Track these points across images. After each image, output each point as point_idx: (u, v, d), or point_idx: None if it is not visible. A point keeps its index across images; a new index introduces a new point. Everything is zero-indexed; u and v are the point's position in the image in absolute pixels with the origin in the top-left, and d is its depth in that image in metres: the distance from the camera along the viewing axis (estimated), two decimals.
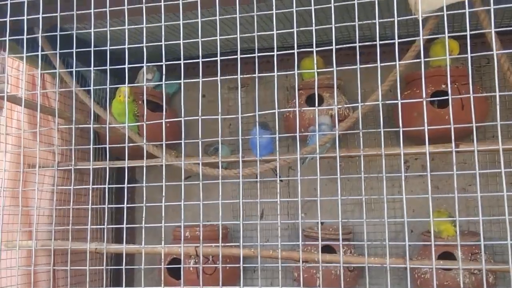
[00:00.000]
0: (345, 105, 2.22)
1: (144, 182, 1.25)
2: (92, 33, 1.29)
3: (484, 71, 2.31)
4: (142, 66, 1.36)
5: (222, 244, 1.93)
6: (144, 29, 1.25)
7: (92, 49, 1.26)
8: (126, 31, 1.22)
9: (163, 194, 1.22)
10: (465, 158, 2.30)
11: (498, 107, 1.13)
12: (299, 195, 1.21)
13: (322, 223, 2.45)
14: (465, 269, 1.89)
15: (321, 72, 2.26)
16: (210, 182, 1.37)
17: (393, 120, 2.24)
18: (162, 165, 1.29)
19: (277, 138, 1.24)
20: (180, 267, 2.21)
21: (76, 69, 1.38)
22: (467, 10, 1.07)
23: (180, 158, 1.95)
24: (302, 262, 2.02)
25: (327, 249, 2.16)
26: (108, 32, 1.27)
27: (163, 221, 1.21)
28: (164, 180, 1.21)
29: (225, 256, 2.10)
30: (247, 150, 2.07)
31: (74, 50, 1.27)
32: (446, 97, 1.86)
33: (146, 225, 1.22)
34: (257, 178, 2.35)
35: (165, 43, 1.21)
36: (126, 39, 1.24)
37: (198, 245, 1.84)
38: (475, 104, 1.99)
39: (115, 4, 1.23)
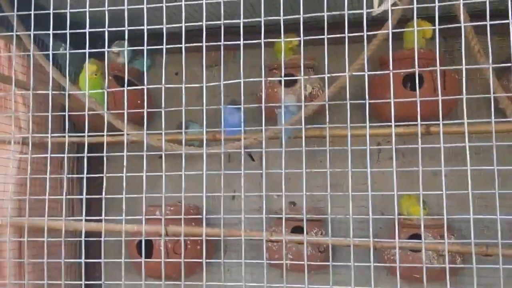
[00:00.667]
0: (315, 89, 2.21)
1: (105, 151, 1.23)
2: (68, 12, 1.26)
3: (457, 55, 2.32)
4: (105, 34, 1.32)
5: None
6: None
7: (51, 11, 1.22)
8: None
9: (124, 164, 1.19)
10: (437, 141, 2.31)
11: (464, 80, 1.13)
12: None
13: (294, 203, 2.45)
14: (433, 250, 1.91)
15: (295, 53, 2.23)
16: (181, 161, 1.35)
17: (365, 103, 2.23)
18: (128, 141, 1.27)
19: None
20: (149, 246, 2.19)
21: (34, 33, 1.34)
22: None
23: (150, 136, 1.91)
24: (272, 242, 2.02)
25: (299, 230, 2.16)
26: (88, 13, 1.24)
27: (124, 192, 1.19)
28: (125, 152, 1.19)
29: (195, 235, 2.08)
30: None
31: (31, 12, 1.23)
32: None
33: (106, 196, 1.19)
34: (229, 158, 2.33)
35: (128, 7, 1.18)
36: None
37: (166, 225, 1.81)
38: (448, 86, 2.02)
39: None
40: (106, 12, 1.24)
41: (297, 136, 1.91)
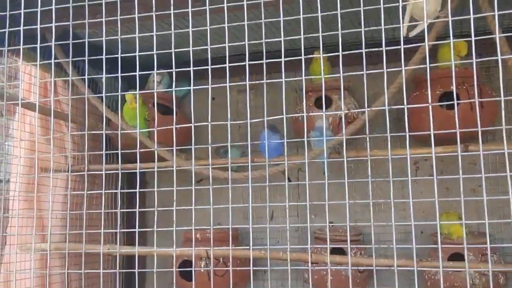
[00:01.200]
0: (351, 110, 2.23)
1: (156, 186, 1.27)
2: (104, 41, 1.32)
3: (493, 72, 2.31)
4: (151, 72, 1.39)
5: (232, 248, 1.95)
6: (154, 36, 1.27)
7: (103, 56, 1.28)
8: (137, 38, 1.25)
9: (174, 198, 1.24)
10: (475, 159, 2.30)
11: (503, 111, 1.13)
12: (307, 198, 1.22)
13: (331, 223, 2.46)
14: (476, 270, 1.89)
15: (332, 73, 2.26)
16: (220, 185, 1.39)
17: (403, 120, 2.24)
18: (172, 169, 1.31)
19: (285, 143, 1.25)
20: (191, 270, 2.23)
21: (88, 77, 1.40)
22: (471, 16, 1.07)
23: (190, 161, 1.97)
24: (312, 264, 2.03)
25: (338, 251, 2.17)
26: (119, 40, 1.29)
27: (174, 225, 1.23)
28: (175, 184, 1.23)
29: (235, 258, 2.12)
30: (257, 152, 2.08)
31: (86, 58, 1.30)
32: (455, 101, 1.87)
33: (157, 229, 1.24)
34: (266, 180, 2.37)
35: (175, 50, 1.23)
36: (137, 46, 1.26)
37: (208, 248, 1.86)
38: (485, 105, 2.01)
39: (126, 11, 1.26)
40: (155, 36, 1.29)
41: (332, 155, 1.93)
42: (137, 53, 1.26)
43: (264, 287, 2.52)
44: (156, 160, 1.44)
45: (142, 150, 1.37)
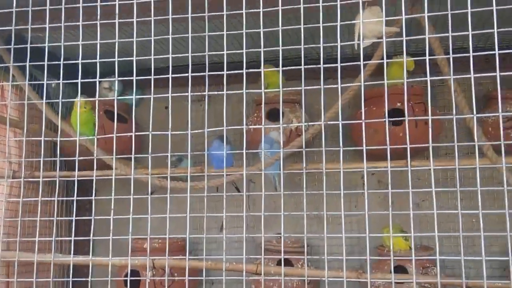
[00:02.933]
0: (295, 124, 2.25)
1: (94, 195, 1.27)
2: (46, 46, 1.30)
3: (437, 91, 2.39)
4: (102, 80, 1.38)
5: (170, 257, 1.94)
6: (98, 44, 1.26)
7: (45, 62, 1.27)
8: (80, 46, 1.24)
9: (112, 207, 1.23)
10: (419, 174, 2.37)
11: (455, 128, 1.18)
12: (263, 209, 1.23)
13: (280, 236, 2.48)
14: (417, 282, 1.94)
15: (283, 87, 2.29)
16: (171, 195, 1.39)
17: (350, 135, 2.29)
18: (122, 177, 1.31)
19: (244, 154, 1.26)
20: (137, 279, 2.20)
21: (32, 82, 1.38)
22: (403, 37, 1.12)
23: (138, 170, 1.95)
24: (261, 275, 2.04)
25: (285, 262, 2.18)
26: (62, 46, 1.29)
27: (111, 234, 1.22)
28: (113, 193, 1.22)
29: (182, 268, 2.10)
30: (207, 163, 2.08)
31: (27, 64, 1.28)
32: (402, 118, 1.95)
33: (94, 237, 1.23)
34: (217, 190, 2.38)
35: (122, 59, 1.23)
36: (80, 52, 1.26)
37: (145, 258, 1.84)
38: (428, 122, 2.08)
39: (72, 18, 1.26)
40: (98, 45, 1.29)
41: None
42: (79, 60, 1.26)
43: None
44: (95, 168, 1.41)
45: (89, 158, 1.35)
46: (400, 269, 2.05)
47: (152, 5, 1.23)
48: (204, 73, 1.26)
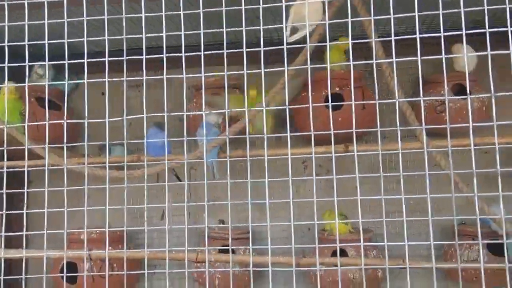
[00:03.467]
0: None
1: (26, 187, 1.21)
2: None
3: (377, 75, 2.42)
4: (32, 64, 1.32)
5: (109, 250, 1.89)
6: (26, 26, 1.20)
7: None
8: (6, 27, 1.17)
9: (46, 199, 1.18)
10: (358, 159, 2.39)
11: (398, 113, 1.19)
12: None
13: (223, 222, 2.47)
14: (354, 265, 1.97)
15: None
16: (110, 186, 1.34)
17: (293, 121, 2.30)
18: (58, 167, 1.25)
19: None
20: (74, 271, 2.14)
21: None
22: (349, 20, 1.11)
23: (72, 160, 1.88)
24: (200, 263, 2.02)
25: (227, 250, 2.17)
26: None
27: (45, 228, 1.17)
28: (46, 185, 1.17)
29: (121, 259, 2.05)
30: (142, 150, 2.05)
31: None
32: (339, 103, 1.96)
33: (27, 232, 1.17)
34: (157, 179, 2.33)
35: (48, 41, 1.17)
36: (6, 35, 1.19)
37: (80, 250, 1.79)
38: (367, 107, 2.11)
39: None
40: (26, 26, 1.22)
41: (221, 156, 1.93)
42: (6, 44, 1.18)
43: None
44: (26, 158, 1.35)
45: (21, 148, 1.29)
46: (341, 252, 2.07)
47: None
48: (141, 57, 1.21)
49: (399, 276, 2.15)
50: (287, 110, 1.18)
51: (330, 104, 1.29)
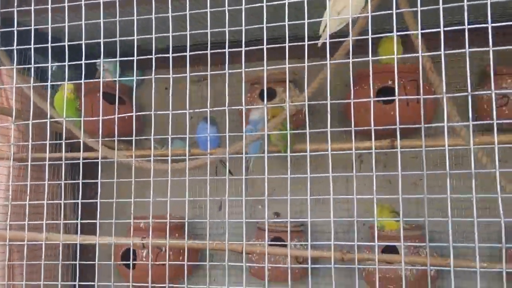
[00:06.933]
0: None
1: (99, 178, 1.29)
2: (50, 28, 1.31)
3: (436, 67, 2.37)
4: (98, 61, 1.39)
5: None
6: (102, 23, 1.27)
7: (32, 45, 1.28)
8: (83, 25, 1.25)
9: (114, 190, 1.26)
10: (417, 153, 2.35)
11: (445, 108, 1.17)
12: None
13: (278, 214, 2.50)
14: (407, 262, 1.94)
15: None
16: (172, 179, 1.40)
17: (344, 113, 2.29)
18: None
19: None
20: (133, 257, 2.24)
21: (35, 65, 1.40)
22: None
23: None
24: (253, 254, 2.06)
25: (280, 241, 2.20)
26: (67, 27, 1.30)
27: (113, 218, 1.25)
28: (115, 177, 1.25)
29: (176, 248, 2.14)
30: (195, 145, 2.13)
31: (32, 46, 1.30)
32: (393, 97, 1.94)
33: (101, 220, 1.25)
34: (216, 173, 2.38)
35: (120, 38, 1.24)
36: (83, 34, 1.27)
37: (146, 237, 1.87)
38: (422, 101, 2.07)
39: None
40: (102, 24, 1.29)
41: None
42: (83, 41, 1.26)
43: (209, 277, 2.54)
44: (81, 151, 1.43)
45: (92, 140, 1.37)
46: (392, 249, 2.04)
47: None
48: (204, 52, 1.25)
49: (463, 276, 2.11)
50: (329, 105, 1.17)
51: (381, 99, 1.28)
